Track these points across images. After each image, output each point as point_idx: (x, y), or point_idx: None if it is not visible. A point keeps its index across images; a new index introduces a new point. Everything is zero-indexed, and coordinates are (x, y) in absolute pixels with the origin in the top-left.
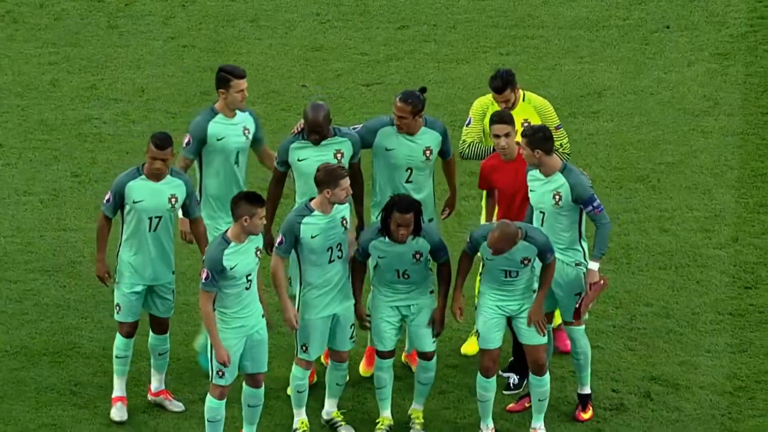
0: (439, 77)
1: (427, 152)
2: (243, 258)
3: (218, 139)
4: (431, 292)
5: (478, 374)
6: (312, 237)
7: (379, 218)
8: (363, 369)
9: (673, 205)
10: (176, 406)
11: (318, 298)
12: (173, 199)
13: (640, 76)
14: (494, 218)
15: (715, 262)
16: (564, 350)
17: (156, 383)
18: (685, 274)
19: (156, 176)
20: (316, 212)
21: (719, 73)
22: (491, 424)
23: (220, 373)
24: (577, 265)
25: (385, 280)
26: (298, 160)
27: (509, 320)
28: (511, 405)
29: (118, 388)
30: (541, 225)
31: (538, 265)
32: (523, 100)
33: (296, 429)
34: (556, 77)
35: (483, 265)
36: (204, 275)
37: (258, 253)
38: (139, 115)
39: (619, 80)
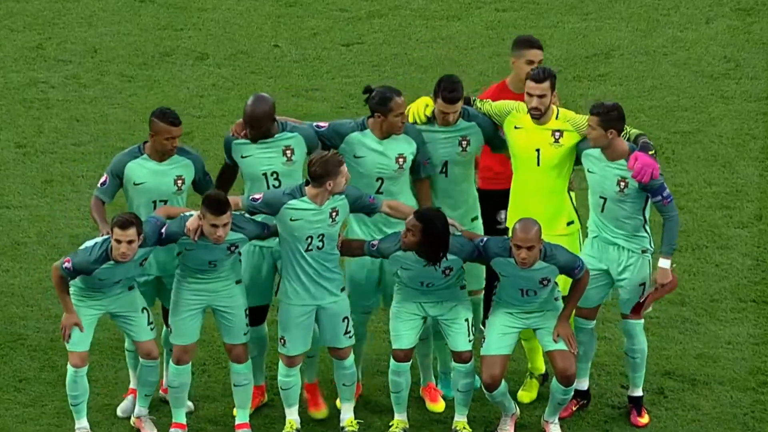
0: (427, 36)
1: (400, 160)
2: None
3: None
4: (462, 287)
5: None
6: (291, 220)
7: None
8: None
9: (690, 179)
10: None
11: (292, 286)
12: (179, 181)
13: (652, 34)
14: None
15: (737, 243)
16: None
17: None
18: (703, 257)
19: (161, 156)
20: (306, 199)
21: (741, 30)
22: (511, 411)
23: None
24: (643, 252)
25: (409, 286)
26: (242, 157)
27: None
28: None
29: (132, 381)
30: (601, 211)
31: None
32: (557, 118)
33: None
34: (558, 36)
35: (496, 285)
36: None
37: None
38: (91, 79)
39: (628, 39)
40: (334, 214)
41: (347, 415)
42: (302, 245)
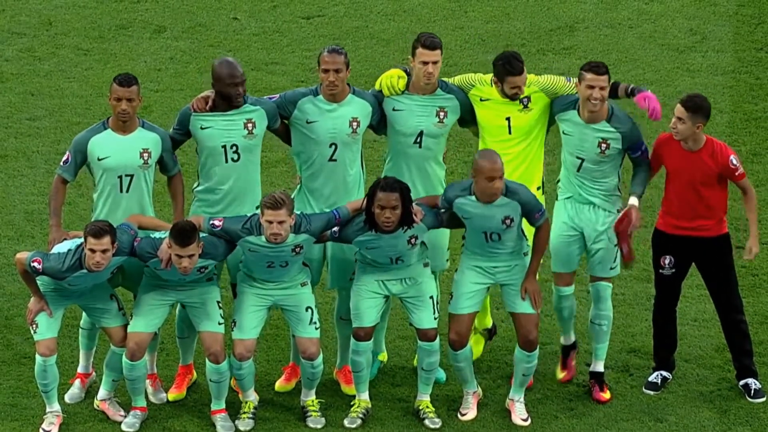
0: (389, 9)
1: (354, 124)
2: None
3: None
4: (426, 264)
5: (448, 347)
6: (250, 250)
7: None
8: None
9: None
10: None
11: (249, 279)
12: (145, 154)
13: (617, 7)
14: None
15: None
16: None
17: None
18: None
19: (123, 127)
20: (263, 239)
21: (707, 3)
22: (473, 388)
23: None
24: (618, 212)
25: (374, 264)
26: (201, 129)
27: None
28: (561, 375)
29: (81, 365)
30: (577, 171)
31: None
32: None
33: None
34: (522, 8)
35: (463, 236)
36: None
37: None
38: (46, 52)
39: (593, 12)
40: (298, 249)
41: (306, 397)
42: (262, 270)
